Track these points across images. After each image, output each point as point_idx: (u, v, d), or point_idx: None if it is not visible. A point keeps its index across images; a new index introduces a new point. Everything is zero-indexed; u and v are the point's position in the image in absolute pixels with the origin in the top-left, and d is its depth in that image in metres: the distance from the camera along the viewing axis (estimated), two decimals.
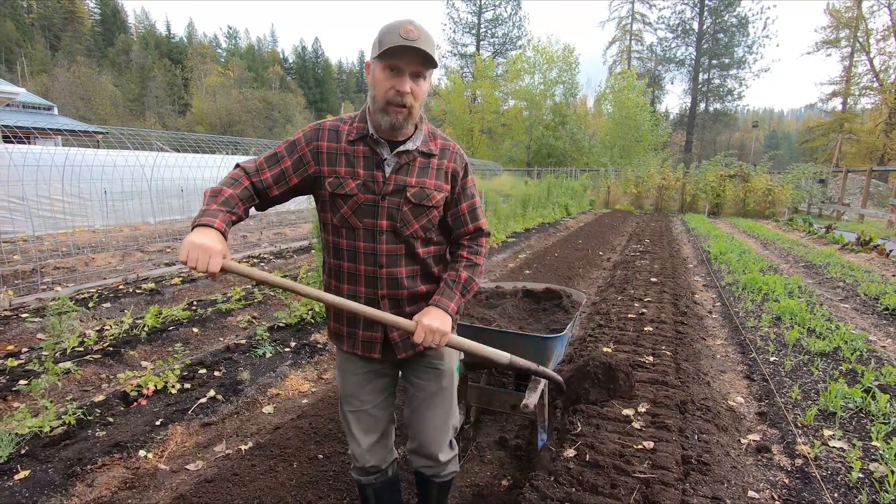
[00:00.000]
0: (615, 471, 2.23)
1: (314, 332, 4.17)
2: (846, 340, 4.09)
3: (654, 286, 5.85)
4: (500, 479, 2.42)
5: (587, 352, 3.72)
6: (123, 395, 2.98)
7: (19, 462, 2.30)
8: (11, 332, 4.01)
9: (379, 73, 1.35)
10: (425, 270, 1.53)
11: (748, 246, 9.89)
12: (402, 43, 1.28)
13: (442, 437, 1.63)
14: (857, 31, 31.57)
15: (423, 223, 1.46)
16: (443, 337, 1.40)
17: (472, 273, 1.52)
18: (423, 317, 1.41)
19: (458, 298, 1.48)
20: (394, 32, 1.30)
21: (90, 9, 64.68)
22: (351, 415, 1.61)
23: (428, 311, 1.43)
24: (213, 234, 1.25)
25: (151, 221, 10.34)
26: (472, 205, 1.57)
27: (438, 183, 1.48)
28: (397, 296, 1.50)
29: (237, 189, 1.38)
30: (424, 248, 1.50)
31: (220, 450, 2.61)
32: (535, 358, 2.40)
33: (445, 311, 1.44)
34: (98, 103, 42.91)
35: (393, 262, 1.46)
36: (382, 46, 1.30)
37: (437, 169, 1.48)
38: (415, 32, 1.31)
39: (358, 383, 1.59)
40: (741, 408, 3.14)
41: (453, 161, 1.51)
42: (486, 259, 1.60)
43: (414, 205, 1.44)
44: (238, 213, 1.37)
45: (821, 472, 2.42)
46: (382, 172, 1.42)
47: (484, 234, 1.59)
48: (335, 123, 1.48)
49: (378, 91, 1.35)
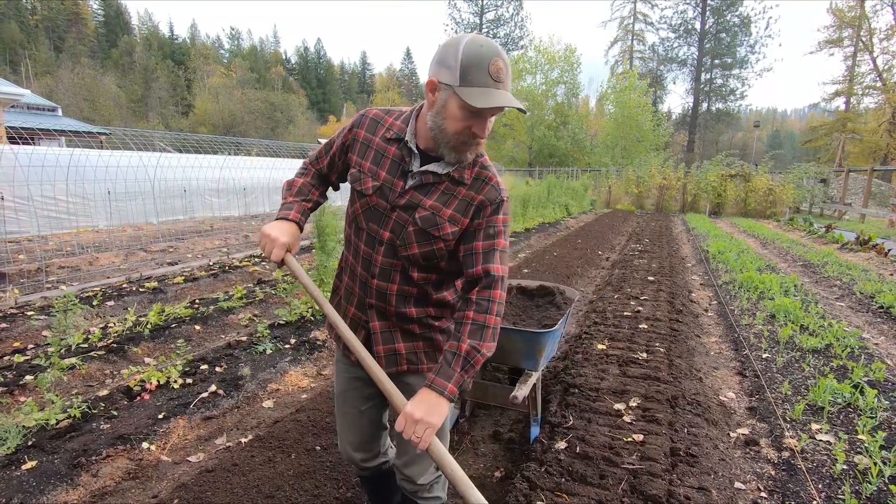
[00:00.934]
0: (604, 462, 2.29)
1: (314, 330, 4.24)
2: (838, 338, 4.14)
3: (651, 285, 5.90)
4: (494, 470, 2.48)
5: (582, 348, 3.79)
6: (127, 390, 3.06)
7: (26, 453, 2.37)
8: (17, 330, 4.09)
9: (455, 108, 1.18)
10: (420, 294, 1.39)
11: (747, 245, 9.92)
12: (492, 88, 1.15)
13: (418, 467, 1.49)
14: (860, 31, 31.49)
15: (424, 251, 1.31)
16: (426, 430, 1.15)
17: (479, 340, 1.25)
18: (411, 401, 1.21)
19: (457, 377, 1.23)
20: (482, 68, 1.14)
21: (94, 10, 65.03)
22: (339, 414, 1.60)
23: (420, 394, 1.22)
24: (285, 225, 1.38)
25: (154, 221, 10.44)
26: (491, 246, 1.31)
27: (455, 214, 1.30)
28: (384, 310, 1.39)
29: (308, 177, 1.51)
30: (422, 274, 1.36)
31: (220, 442, 2.68)
32: (527, 352, 2.47)
33: (440, 395, 1.21)
34: (102, 104, 43.13)
35: (385, 277, 1.36)
36: (467, 81, 1.14)
37: (461, 199, 1.31)
38: (504, 70, 1.17)
39: (344, 387, 1.56)
40: (732, 403, 3.19)
41: (483, 193, 1.31)
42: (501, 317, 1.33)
43: (419, 229, 1.30)
44: (314, 199, 1.50)
45: (806, 464, 2.47)
46: (403, 182, 1.31)
47: (496, 281, 1.29)
48: (380, 114, 1.40)
49: (449, 125, 1.21)
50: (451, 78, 1.16)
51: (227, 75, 61.87)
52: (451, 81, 1.16)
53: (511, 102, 1.17)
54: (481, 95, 1.14)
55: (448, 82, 1.17)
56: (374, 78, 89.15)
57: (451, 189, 1.31)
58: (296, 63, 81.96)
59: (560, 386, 3.18)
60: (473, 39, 1.16)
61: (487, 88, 1.15)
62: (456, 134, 1.21)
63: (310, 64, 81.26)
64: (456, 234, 1.31)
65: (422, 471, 1.49)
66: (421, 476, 1.50)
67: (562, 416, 2.74)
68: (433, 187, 1.30)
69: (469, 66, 1.14)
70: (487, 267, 1.29)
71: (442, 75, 1.18)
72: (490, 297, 1.28)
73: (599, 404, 2.87)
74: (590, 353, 3.65)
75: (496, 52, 1.15)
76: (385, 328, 1.41)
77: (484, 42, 1.16)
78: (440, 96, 1.20)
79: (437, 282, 1.40)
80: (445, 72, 1.17)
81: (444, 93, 1.19)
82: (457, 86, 1.15)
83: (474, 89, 1.14)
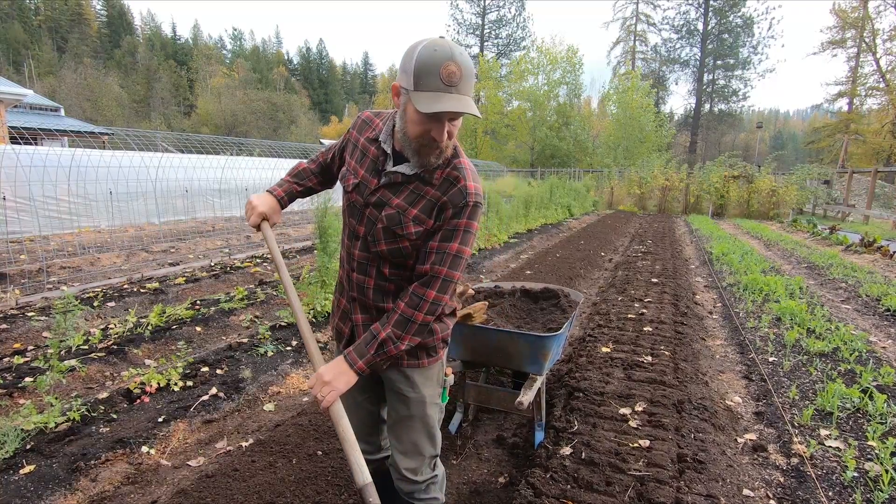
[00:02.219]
0: (610, 468, 2.25)
1: (315, 332, 4.21)
2: (846, 341, 4.09)
3: (654, 287, 5.86)
4: (497, 476, 2.45)
5: (586, 351, 3.75)
6: (127, 393, 3.03)
7: (25, 457, 2.35)
8: (18, 331, 4.07)
9: (412, 112, 1.20)
10: (397, 289, 1.41)
11: (751, 247, 9.86)
12: (443, 92, 1.14)
13: (411, 462, 1.51)
14: (863, 32, 31.37)
15: (391, 248, 1.35)
16: (331, 392, 1.27)
17: (402, 331, 1.30)
18: (325, 365, 1.34)
19: (368, 357, 1.31)
20: (433, 72, 1.13)
21: (97, 11, 65.22)
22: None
23: (334, 360, 1.34)
24: (266, 197, 1.59)
25: (156, 222, 10.43)
26: (446, 248, 1.30)
27: (420, 215, 1.31)
28: (365, 303, 1.45)
29: (312, 165, 1.66)
30: (394, 270, 1.40)
31: (221, 446, 2.65)
32: (532, 356, 2.43)
33: (350, 368, 1.30)
34: (104, 104, 43.26)
35: (363, 271, 1.42)
36: (420, 85, 1.15)
37: (427, 199, 1.31)
38: (457, 74, 1.14)
39: None
40: (738, 407, 3.15)
41: (448, 195, 1.30)
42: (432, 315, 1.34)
43: (386, 226, 1.33)
44: (308, 185, 1.67)
45: (816, 471, 2.43)
46: (377, 181, 1.36)
47: (435, 280, 1.30)
48: (371, 116, 1.47)
49: (410, 129, 1.23)
50: (407, 82, 1.18)
51: (230, 76, 61.96)
52: (407, 86, 1.18)
53: (459, 108, 1.15)
54: (430, 100, 1.14)
55: (406, 87, 1.19)
56: (377, 78, 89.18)
57: (420, 189, 1.33)
58: (298, 63, 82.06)
59: (564, 390, 3.14)
60: (431, 43, 1.16)
61: (438, 93, 1.15)
62: (416, 138, 1.23)
63: (312, 64, 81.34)
64: (420, 234, 1.32)
65: (417, 466, 1.52)
66: (417, 472, 1.52)
67: (566, 420, 2.70)
68: (402, 187, 1.34)
69: (421, 71, 1.14)
70: (435, 268, 1.31)
71: (402, 80, 1.20)
72: (424, 294, 1.31)
73: (604, 409, 2.83)
74: (594, 357, 3.61)
75: (449, 55, 1.14)
76: (367, 321, 1.45)
77: (440, 46, 1.15)
78: (401, 101, 1.23)
79: (410, 279, 1.39)
80: (404, 76, 1.19)
81: (404, 97, 1.21)
82: (412, 90, 1.17)
83: (425, 93, 1.15)
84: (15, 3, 54.56)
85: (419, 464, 1.52)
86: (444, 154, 1.29)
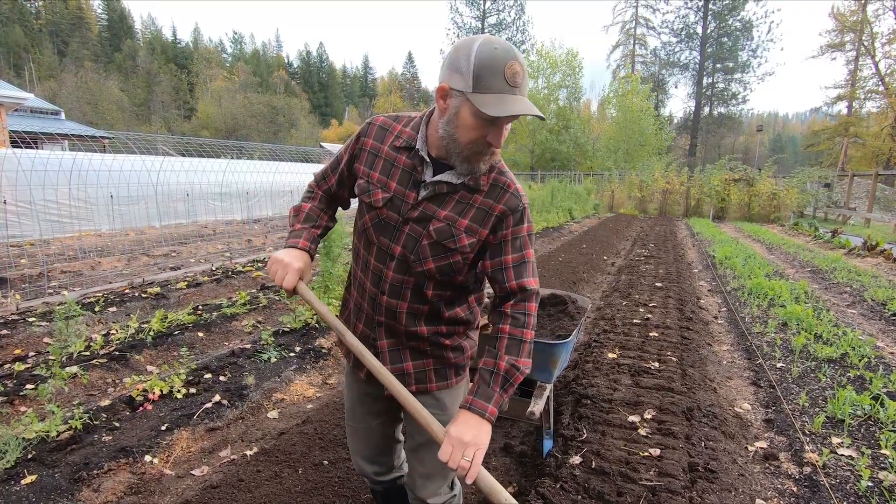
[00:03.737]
0: (621, 478, 2.22)
1: (319, 337, 4.18)
2: (854, 347, 4.06)
3: (659, 291, 5.83)
4: (506, 485, 2.41)
5: (592, 357, 3.71)
6: (129, 400, 2.99)
7: (26, 467, 2.31)
8: (19, 336, 4.04)
9: (468, 116, 1.10)
10: (432, 312, 1.30)
11: (753, 250, 9.84)
12: (507, 94, 1.07)
13: (432, 485, 1.43)
14: (862, 35, 31.46)
15: (440, 265, 1.23)
16: (476, 452, 1.08)
17: (517, 356, 1.20)
18: (453, 425, 1.13)
19: (497, 397, 1.17)
20: (497, 72, 1.05)
21: (98, 15, 65.38)
22: (349, 428, 1.55)
23: (458, 416, 1.15)
24: (296, 252, 1.31)
25: (157, 225, 10.40)
26: (522, 258, 1.25)
27: (472, 225, 1.22)
28: (394, 328, 1.32)
29: (315, 201, 1.42)
30: (437, 291, 1.28)
31: (225, 455, 2.61)
32: (541, 364, 2.40)
33: (482, 418, 1.14)
34: (105, 108, 43.32)
35: (396, 294, 1.28)
36: (481, 87, 1.06)
37: (477, 208, 1.23)
38: (520, 74, 1.08)
39: (353, 403, 1.50)
40: (748, 414, 3.12)
41: (503, 203, 1.23)
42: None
43: (434, 241, 1.22)
44: (323, 224, 1.42)
45: (829, 480, 2.40)
46: (416, 193, 1.23)
47: (532, 295, 1.26)
48: (388, 121, 1.32)
49: (462, 135, 1.13)
50: (463, 84, 1.08)
51: (230, 79, 62.10)
52: (463, 88, 1.08)
53: (529, 110, 1.07)
54: (496, 102, 1.06)
55: (460, 88, 1.08)
56: (377, 82, 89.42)
57: (467, 198, 1.23)
58: (298, 67, 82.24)
59: (572, 397, 3.11)
60: (487, 41, 1.07)
61: (503, 94, 1.06)
62: (469, 144, 1.13)
63: (312, 68, 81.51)
64: (474, 245, 1.23)
65: (435, 490, 1.43)
66: (438, 494, 1.43)
67: (575, 428, 2.67)
68: (447, 197, 1.23)
69: (483, 71, 1.05)
70: (522, 282, 1.24)
71: (453, 81, 1.09)
72: (526, 310, 1.23)
73: (613, 416, 2.79)
74: (601, 363, 3.57)
75: (512, 54, 1.06)
76: (393, 346, 1.34)
77: (499, 44, 1.07)
78: (452, 103, 1.11)
79: (451, 298, 1.32)
80: (457, 77, 1.08)
81: (457, 100, 1.10)
82: (470, 92, 1.07)
83: (488, 96, 1.06)
84: (16, 7, 54.68)
85: (440, 485, 1.44)
86: (494, 158, 1.21)
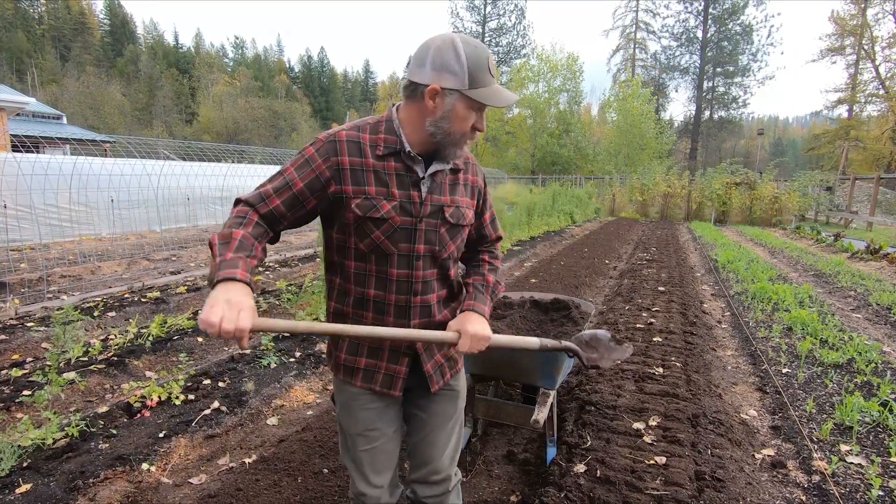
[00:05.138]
0: (627, 487, 2.17)
1: (319, 343, 4.14)
2: (860, 352, 4.01)
3: (661, 295, 5.78)
4: (509, 494, 2.37)
5: None
6: (127, 407, 2.95)
7: (21, 475, 2.27)
8: (17, 342, 4.00)
9: (463, 110, 1.23)
10: (450, 293, 1.47)
11: (756, 254, 9.80)
12: (496, 85, 1.24)
13: (453, 461, 1.55)
14: (861, 39, 31.50)
15: (458, 243, 1.41)
16: (487, 341, 1.34)
17: (497, 276, 1.52)
18: (463, 324, 1.33)
19: (489, 302, 1.45)
20: (484, 68, 1.21)
21: (100, 20, 65.69)
22: (365, 454, 1.41)
23: (466, 317, 1.35)
24: (238, 287, 1.05)
25: (157, 230, 10.38)
26: (493, 214, 1.56)
27: (468, 200, 1.42)
28: (428, 325, 1.38)
29: (248, 228, 1.17)
30: (453, 268, 1.45)
31: (223, 463, 2.57)
32: (544, 370, 2.36)
33: (482, 316, 1.38)
34: (106, 112, 43.40)
35: (427, 289, 1.37)
36: (476, 83, 1.20)
37: (464, 185, 1.41)
38: (494, 65, 1.27)
39: (371, 418, 1.41)
40: (754, 421, 3.07)
41: (475, 174, 1.46)
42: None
43: (451, 225, 1.36)
44: (258, 256, 1.16)
45: (839, 489, 2.35)
46: (419, 192, 1.30)
47: (500, 239, 1.62)
48: (352, 133, 1.28)
49: (457, 127, 1.24)
50: (458, 83, 1.19)
51: (231, 84, 62.19)
52: (458, 86, 1.19)
53: (516, 96, 1.31)
54: (495, 95, 1.23)
55: (455, 87, 1.19)
56: (377, 86, 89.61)
57: (454, 179, 1.38)
58: (299, 71, 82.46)
59: (575, 403, 3.06)
60: (465, 41, 1.20)
61: (494, 87, 1.23)
62: (461, 132, 1.26)
63: (313, 72, 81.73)
64: (473, 215, 1.45)
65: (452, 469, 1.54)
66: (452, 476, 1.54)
67: (579, 436, 2.63)
68: (443, 184, 1.36)
69: (474, 69, 1.19)
70: (498, 232, 1.59)
71: (445, 81, 1.19)
72: (497, 247, 1.60)
73: (617, 423, 2.75)
74: (604, 369, 3.53)
75: (486, 49, 1.23)
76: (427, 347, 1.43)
77: (473, 41, 1.21)
78: (445, 101, 1.21)
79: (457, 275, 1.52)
80: (449, 77, 1.19)
81: (450, 97, 1.21)
82: (466, 89, 1.20)
83: (484, 90, 1.21)
84: (19, 12, 54.96)
85: (454, 464, 1.56)
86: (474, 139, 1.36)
